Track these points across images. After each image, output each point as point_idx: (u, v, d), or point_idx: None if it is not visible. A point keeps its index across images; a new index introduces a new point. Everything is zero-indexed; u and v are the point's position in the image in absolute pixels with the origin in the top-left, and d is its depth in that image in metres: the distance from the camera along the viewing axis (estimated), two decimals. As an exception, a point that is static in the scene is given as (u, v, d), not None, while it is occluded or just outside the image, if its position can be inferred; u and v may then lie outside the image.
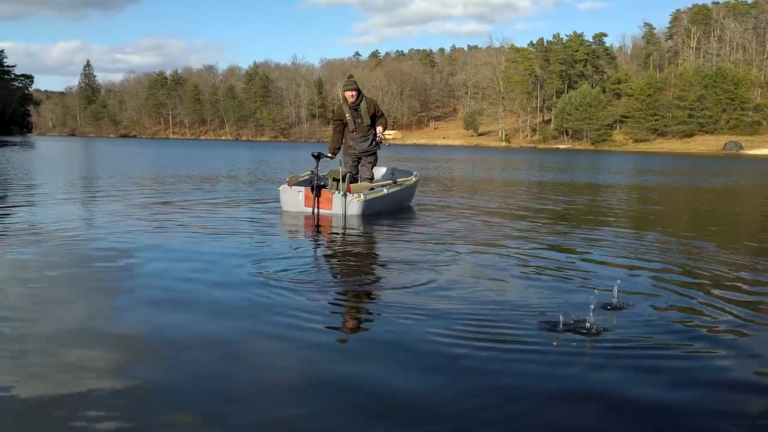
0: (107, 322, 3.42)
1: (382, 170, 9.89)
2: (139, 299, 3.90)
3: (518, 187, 15.04)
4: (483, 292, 4.24)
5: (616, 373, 2.81)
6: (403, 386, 2.62)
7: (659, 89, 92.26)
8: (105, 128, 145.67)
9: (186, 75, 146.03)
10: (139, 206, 8.81)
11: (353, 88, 8.24)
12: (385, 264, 5.18)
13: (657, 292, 4.32)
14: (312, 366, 2.86)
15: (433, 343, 3.14)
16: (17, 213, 7.81)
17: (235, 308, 3.71)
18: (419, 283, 4.38)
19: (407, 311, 3.69)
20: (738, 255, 5.84)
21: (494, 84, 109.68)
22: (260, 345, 3.12)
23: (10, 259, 4.98)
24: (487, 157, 44.41)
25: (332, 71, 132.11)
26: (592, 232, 7.30)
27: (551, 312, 3.66)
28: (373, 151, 8.54)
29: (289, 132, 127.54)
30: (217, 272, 4.65)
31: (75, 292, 4.09)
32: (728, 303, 4.06)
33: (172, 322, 3.46)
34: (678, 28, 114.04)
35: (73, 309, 3.66)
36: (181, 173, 16.81)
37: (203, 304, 3.82)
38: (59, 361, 2.82)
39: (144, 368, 2.77)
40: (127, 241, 5.90)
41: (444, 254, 5.57)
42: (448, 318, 3.57)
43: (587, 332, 3.32)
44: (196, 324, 3.41)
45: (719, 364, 3.02)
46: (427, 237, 6.52)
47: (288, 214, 8.02)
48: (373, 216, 7.83)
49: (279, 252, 5.55)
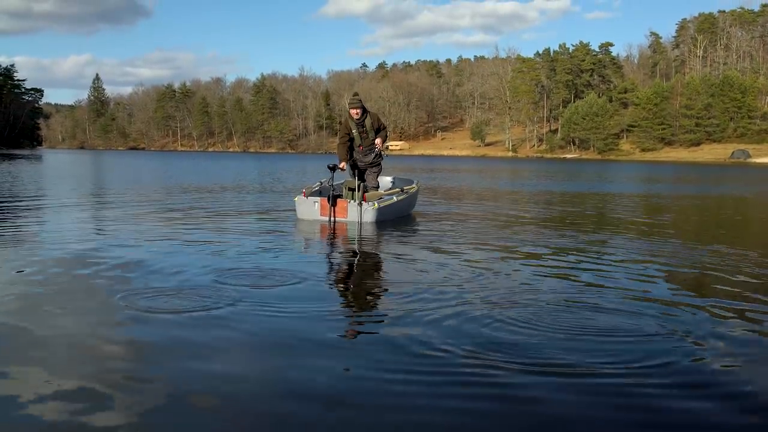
0: (110, 332, 3.53)
1: (387, 180, 10.50)
2: (146, 312, 4.00)
3: (541, 197, 15.11)
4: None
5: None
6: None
7: (666, 98, 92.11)
8: (114, 141, 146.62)
9: (194, 87, 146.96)
10: (167, 219, 8.95)
11: (358, 106, 8.70)
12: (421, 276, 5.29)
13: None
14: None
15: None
16: (24, 224, 7.96)
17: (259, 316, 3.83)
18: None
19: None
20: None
21: (501, 94, 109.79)
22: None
23: (11, 267, 5.11)
24: (495, 167, 44.46)
25: (339, 83, 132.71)
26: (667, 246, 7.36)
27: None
28: (377, 162, 9.01)
29: (296, 144, 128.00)
30: (236, 280, 4.76)
31: (72, 303, 4.20)
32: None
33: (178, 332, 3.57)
34: (684, 37, 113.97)
35: (66, 320, 3.78)
36: (207, 184, 17.00)
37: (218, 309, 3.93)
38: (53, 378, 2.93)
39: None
40: (141, 253, 6.03)
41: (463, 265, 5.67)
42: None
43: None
44: (199, 334, 3.52)
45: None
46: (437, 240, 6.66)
47: (304, 222, 8.46)
48: (385, 223, 8.39)
49: (308, 259, 5.68)
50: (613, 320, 3.78)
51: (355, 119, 8.75)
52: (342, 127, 9.04)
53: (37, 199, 11.81)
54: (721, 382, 2.86)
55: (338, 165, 8.68)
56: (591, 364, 3.00)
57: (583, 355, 3.11)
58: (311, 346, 3.22)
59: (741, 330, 3.67)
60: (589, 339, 3.39)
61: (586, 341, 3.35)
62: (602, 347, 3.25)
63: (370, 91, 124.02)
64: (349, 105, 8.88)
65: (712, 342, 3.40)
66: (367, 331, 3.58)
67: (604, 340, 3.38)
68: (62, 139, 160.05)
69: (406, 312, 3.89)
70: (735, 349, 3.30)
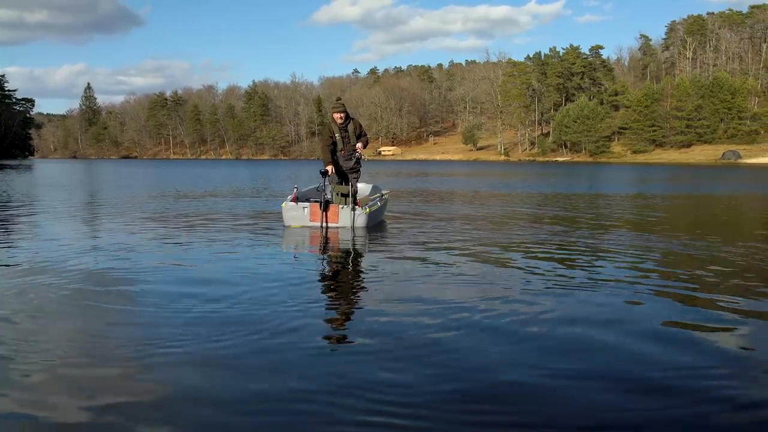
0: (108, 341, 3.52)
1: (367, 186, 10.72)
2: (144, 319, 3.99)
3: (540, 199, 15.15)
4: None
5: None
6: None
7: (656, 100, 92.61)
8: (106, 150, 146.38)
9: (186, 95, 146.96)
10: (155, 229, 8.93)
11: (342, 111, 8.75)
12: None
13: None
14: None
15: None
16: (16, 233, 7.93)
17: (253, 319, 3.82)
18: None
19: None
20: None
21: (492, 98, 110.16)
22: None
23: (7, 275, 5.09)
24: (487, 170, 44.56)
25: (331, 89, 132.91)
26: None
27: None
28: (357, 168, 9.03)
29: (289, 150, 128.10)
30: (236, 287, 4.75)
31: (66, 312, 4.18)
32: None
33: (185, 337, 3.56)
34: (674, 39, 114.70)
35: (62, 329, 3.76)
36: (205, 190, 16.97)
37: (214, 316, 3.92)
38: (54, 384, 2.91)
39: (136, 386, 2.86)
40: (130, 263, 6.01)
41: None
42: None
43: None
44: (195, 341, 3.51)
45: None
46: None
47: (292, 229, 8.31)
48: (374, 227, 8.50)
49: (301, 264, 5.67)
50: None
51: (339, 124, 8.79)
52: (325, 131, 9.05)
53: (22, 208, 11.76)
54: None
55: (326, 169, 8.58)
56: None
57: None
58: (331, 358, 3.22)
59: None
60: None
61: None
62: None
63: (361, 97, 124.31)
64: (332, 109, 8.92)
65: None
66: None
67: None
68: (54, 148, 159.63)
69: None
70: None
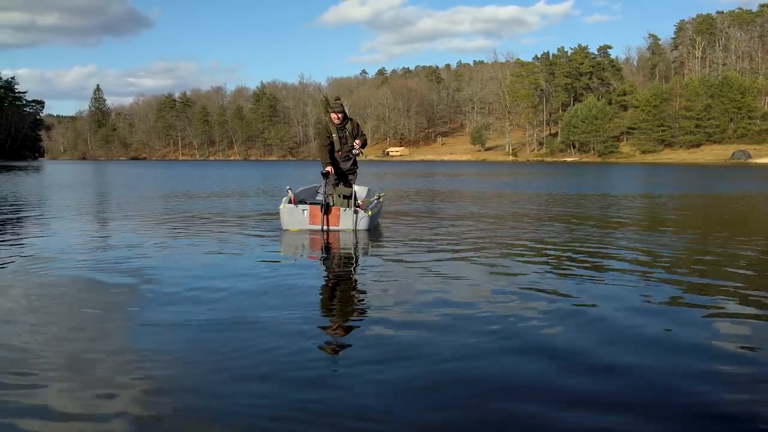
0: (117, 341, 3.57)
1: (363, 189, 10.10)
2: (143, 322, 4.05)
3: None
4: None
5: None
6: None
7: (665, 100, 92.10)
8: (115, 151, 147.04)
9: (195, 97, 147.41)
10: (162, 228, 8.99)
11: (340, 111, 8.45)
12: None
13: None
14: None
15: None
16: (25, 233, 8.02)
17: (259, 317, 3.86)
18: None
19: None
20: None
21: (500, 98, 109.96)
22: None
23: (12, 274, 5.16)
24: (496, 170, 44.48)
25: (339, 89, 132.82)
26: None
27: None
28: (354, 169, 8.78)
29: (297, 151, 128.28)
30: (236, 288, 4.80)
31: (68, 313, 4.24)
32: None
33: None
34: (683, 38, 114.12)
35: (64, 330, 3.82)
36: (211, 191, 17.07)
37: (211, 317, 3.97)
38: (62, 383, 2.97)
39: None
40: (134, 261, 6.08)
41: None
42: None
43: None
44: (192, 340, 3.55)
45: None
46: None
47: (291, 232, 7.94)
48: (374, 229, 8.27)
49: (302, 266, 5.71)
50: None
51: (336, 124, 8.48)
52: (322, 131, 8.68)
53: (32, 209, 11.86)
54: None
55: (327, 170, 8.18)
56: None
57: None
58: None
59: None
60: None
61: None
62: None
63: (369, 98, 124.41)
64: (331, 109, 8.58)
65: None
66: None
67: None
68: (64, 150, 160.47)
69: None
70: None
